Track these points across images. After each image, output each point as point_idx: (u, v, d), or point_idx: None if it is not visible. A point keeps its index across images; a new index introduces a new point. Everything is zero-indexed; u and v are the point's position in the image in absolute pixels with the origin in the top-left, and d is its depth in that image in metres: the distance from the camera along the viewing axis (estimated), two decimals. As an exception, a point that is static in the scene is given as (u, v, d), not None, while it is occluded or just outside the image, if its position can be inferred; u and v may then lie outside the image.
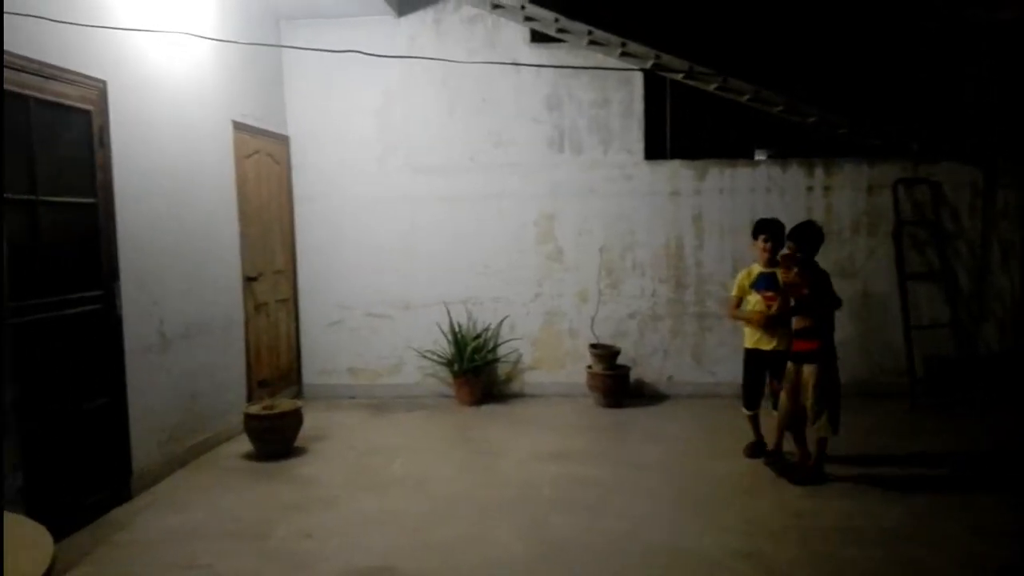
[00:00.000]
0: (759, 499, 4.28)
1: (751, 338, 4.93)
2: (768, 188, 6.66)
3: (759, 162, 6.72)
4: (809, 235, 4.53)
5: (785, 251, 4.60)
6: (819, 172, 6.65)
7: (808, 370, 4.47)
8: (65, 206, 3.96)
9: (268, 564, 3.56)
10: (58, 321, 3.85)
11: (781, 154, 6.71)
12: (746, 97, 6.44)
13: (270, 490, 4.56)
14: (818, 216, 6.65)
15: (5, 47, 3.43)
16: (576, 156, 6.72)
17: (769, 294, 4.76)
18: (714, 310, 6.69)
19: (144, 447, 4.51)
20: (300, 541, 3.81)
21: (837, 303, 4.51)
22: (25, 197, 3.66)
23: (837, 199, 6.65)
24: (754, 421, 5.05)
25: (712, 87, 6.46)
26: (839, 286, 6.59)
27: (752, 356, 4.95)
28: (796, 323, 4.59)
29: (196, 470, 4.90)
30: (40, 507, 3.43)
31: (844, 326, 6.59)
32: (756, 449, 5.01)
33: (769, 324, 4.74)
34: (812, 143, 6.68)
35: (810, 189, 6.67)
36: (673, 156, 6.73)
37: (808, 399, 4.47)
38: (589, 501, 4.28)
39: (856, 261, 6.65)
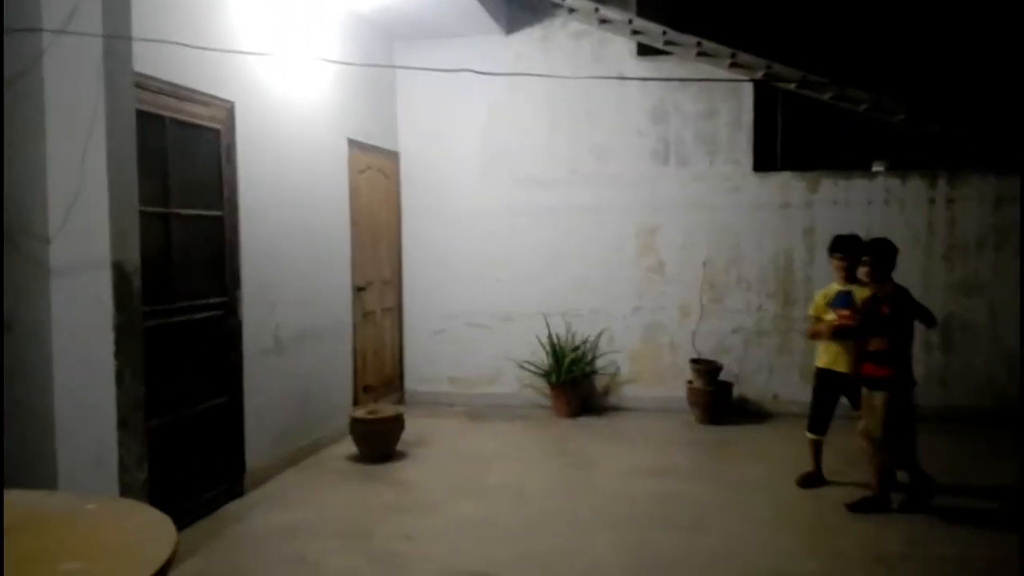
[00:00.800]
0: (867, 524, 4.07)
1: (824, 357, 4.66)
2: (886, 200, 6.35)
3: (876, 173, 6.41)
4: (884, 251, 4.27)
5: (863, 268, 4.30)
6: (942, 184, 6.28)
7: (879, 397, 4.18)
8: (195, 218, 4.28)
9: (370, 564, 3.69)
10: (185, 325, 4.15)
11: (900, 165, 6.38)
12: (863, 107, 6.18)
13: (373, 492, 4.73)
14: (941, 230, 6.30)
15: (144, 70, 3.74)
16: (681, 168, 6.63)
17: (845, 312, 4.45)
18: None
19: (257, 446, 4.78)
20: (401, 543, 3.93)
21: (931, 319, 4.22)
22: (160, 210, 3.98)
23: (962, 212, 6.26)
24: (816, 448, 4.75)
25: (827, 96, 6.24)
26: (963, 304, 6.29)
27: (824, 377, 4.67)
28: (872, 345, 4.27)
29: (304, 470, 5.14)
30: (161, 499, 3.69)
31: (969, 347, 6.22)
32: (812, 479, 4.70)
33: (844, 343, 4.47)
34: (934, 154, 6.32)
35: (932, 201, 6.31)
36: (784, 167, 6.52)
37: (875, 428, 4.18)
38: (688, 519, 4.20)
39: (981, 278, 6.23)
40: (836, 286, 4.64)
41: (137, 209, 3.48)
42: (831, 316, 4.57)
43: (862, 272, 4.29)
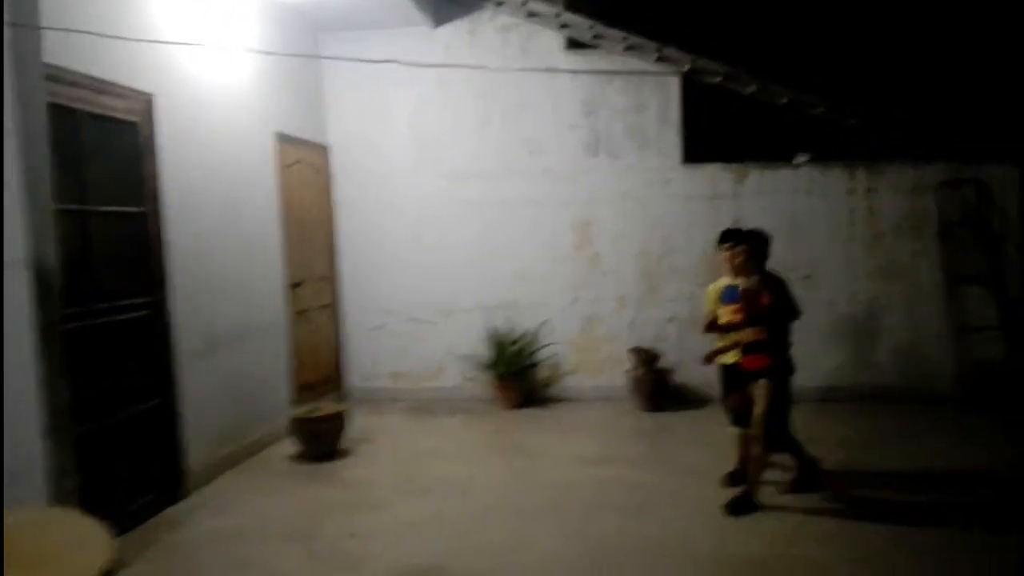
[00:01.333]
0: (807, 504, 4.21)
1: (727, 353, 4.46)
2: (809, 191, 6.58)
3: (800, 165, 6.63)
4: (756, 241, 4.22)
5: (729, 253, 4.25)
6: (861, 175, 6.55)
7: (760, 386, 4.11)
8: (116, 215, 4.10)
9: (316, 564, 3.61)
10: (110, 327, 3.97)
11: (823, 157, 6.62)
12: (784, 100, 6.38)
13: (317, 492, 4.63)
14: (860, 219, 6.55)
15: (56, 62, 3.55)
16: (612, 161, 6.72)
17: (735, 306, 4.31)
18: (755, 313, 6.61)
19: (195, 449, 4.61)
20: (347, 541, 3.86)
21: (795, 313, 4.20)
22: (77, 207, 3.78)
23: (880, 201, 6.54)
24: (741, 442, 4.54)
25: (750, 91, 6.42)
26: (882, 288, 6.56)
27: (730, 372, 4.47)
28: (747, 336, 4.19)
29: (245, 471, 4.99)
30: (94, 507, 3.51)
31: (893, 330, 6.50)
32: (739, 476, 4.49)
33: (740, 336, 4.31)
34: (854, 146, 6.57)
35: (851, 192, 6.57)
36: (712, 160, 6.67)
37: (756, 419, 4.12)
38: (631, 504, 4.26)
39: (899, 264, 6.52)
40: (725, 280, 4.52)
41: (52, 207, 3.31)
42: (724, 310, 4.42)
43: (736, 263, 4.24)
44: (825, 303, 6.56)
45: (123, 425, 4.04)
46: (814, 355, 6.57)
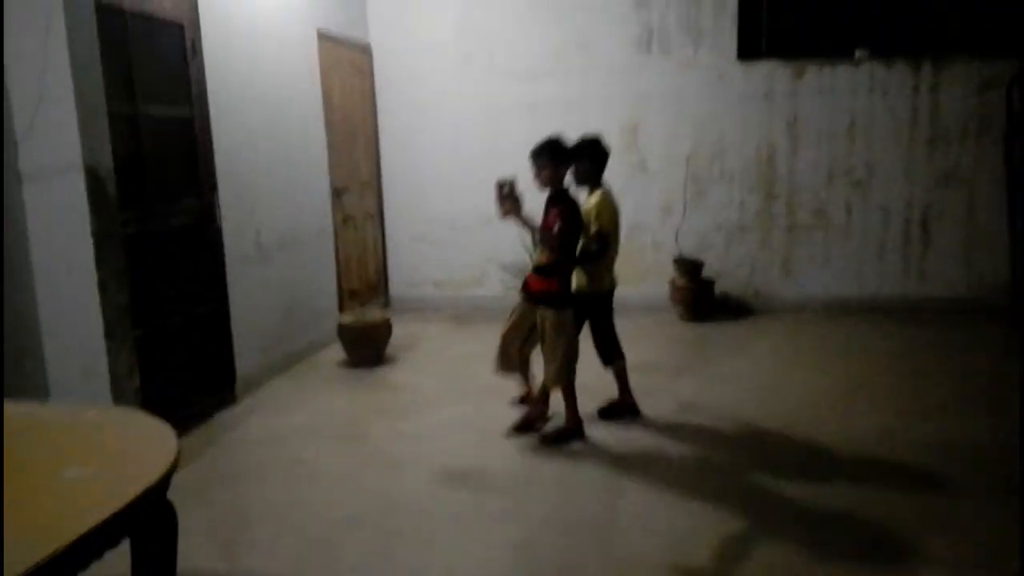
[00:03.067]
0: (853, 416, 4.20)
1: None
2: (871, 88, 6.25)
3: (861, 59, 6.27)
4: (553, 153, 3.73)
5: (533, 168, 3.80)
6: (926, 71, 6.17)
7: (543, 312, 3.81)
8: (164, 119, 4.07)
9: (366, 463, 3.76)
10: (163, 232, 4.02)
11: (885, 51, 6.23)
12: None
13: (364, 395, 4.77)
14: (923, 119, 6.22)
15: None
16: (664, 57, 6.43)
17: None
18: (806, 222, 6.44)
19: (247, 354, 4.75)
20: (394, 442, 3.99)
21: (568, 239, 3.71)
22: (127, 110, 3.76)
23: (945, 100, 6.18)
24: (615, 374, 4.29)
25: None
26: (940, 194, 6.28)
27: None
28: (538, 257, 3.94)
29: (295, 376, 5.16)
30: (153, 408, 3.68)
31: (948, 239, 6.27)
32: (615, 409, 4.25)
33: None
34: (920, 39, 6.17)
35: (916, 89, 6.22)
36: (769, 56, 6.33)
37: (544, 348, 3.86)
38: (669, 415, 4.30)
39: (961, 168, 6.22)
40: None
41: (105, 110, 3.31)
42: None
43: (538, 178, 3.81)
44: (878, 208, 6.35)
45: (179, 330, 4.14)
46: (864, 263, 6.44)
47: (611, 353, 4.24)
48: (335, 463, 3.76)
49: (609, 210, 3.98)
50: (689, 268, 6.34)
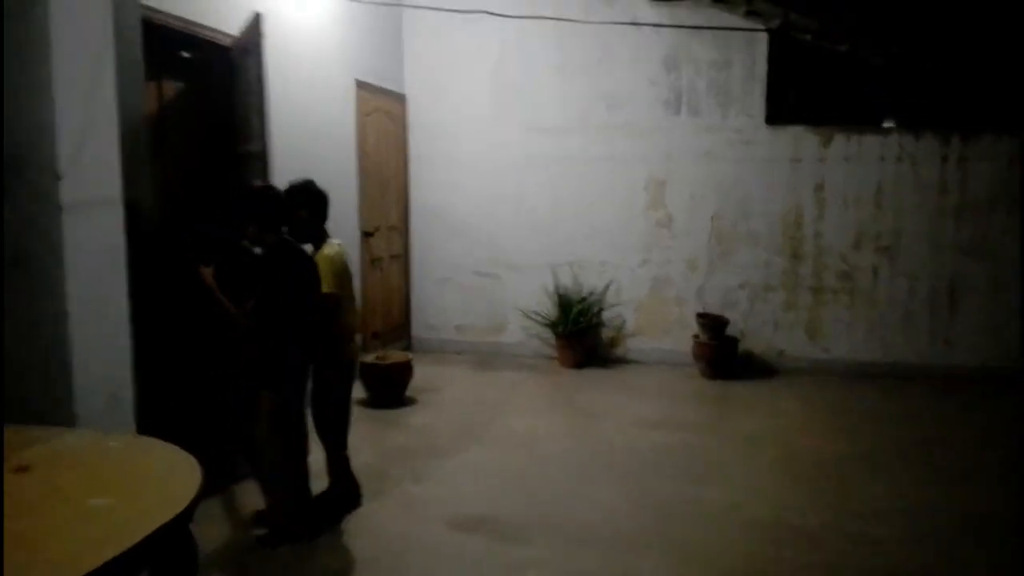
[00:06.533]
0: (873, 483, 4.13)
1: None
2: (899, 157, 6.28)
3: (890, 129, 6.33)
4: (254, 206, 3.18)
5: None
6: (955, 143, 6.20)
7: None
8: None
9: (382, 504, 3.74)
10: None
11: (913, 123, 6.29)
12: (879, 61, 6.07)
13: (384, 435, 4.78)
14: (952, 190, 6.23)
15: (150, 2, 3.65)
16: (692, 119, 6.54)
17: None
18: (832, 284, 6.43)
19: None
20: (411, 485, 3.99)
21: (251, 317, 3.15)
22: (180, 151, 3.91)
23: (973, 172, 6.19)
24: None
25: (842, 49, 6.12)
26: (965, 264, 6.22)
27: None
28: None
29: (313, 413, 5.18)
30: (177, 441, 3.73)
31: (972, 309, 6.20)
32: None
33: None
34: (948, 113, 6.22)
35: (944, 160, 6.24)
36: (796, 122, 6.42)
37: None
38: (692, 470, 4.26)
39: (988, 240, 6.19)
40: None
41: (147, 145, 3.43)
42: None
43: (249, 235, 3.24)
44: (905, 275, 6.32)
45: (207, 364, 4.21)
46: (889, 329, 6.39)
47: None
48: (350, 504, 3.76)
49: (333, 269, 3.38)
50: (713, 324, 6.33)
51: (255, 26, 4.17)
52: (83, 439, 2.51)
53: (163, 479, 2.04)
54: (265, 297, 3.14)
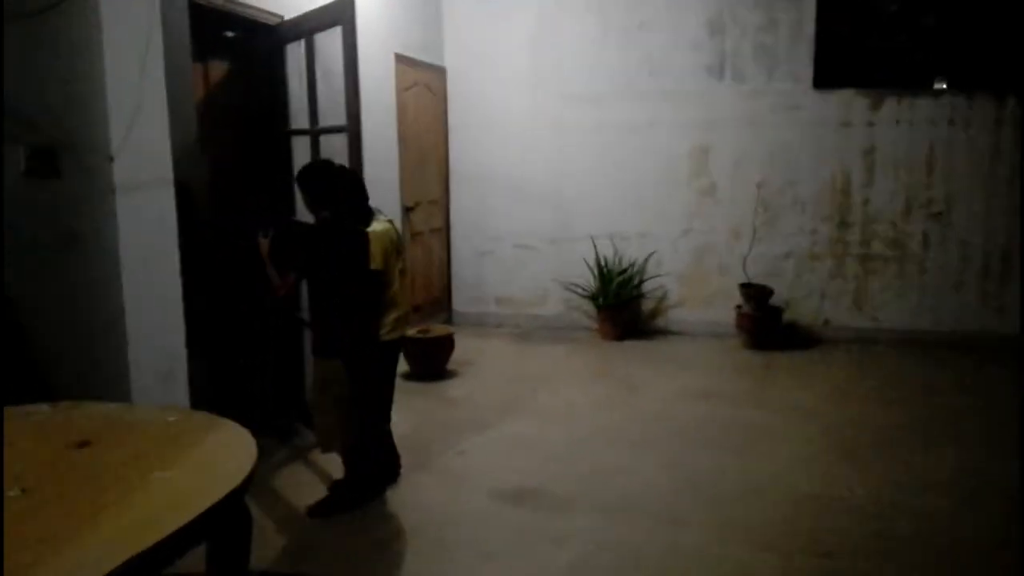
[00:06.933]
0: (922, 454, 4.07)
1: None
2: (951, 120, 6.07)
3: (942, 92, 6.10)
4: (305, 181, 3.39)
5: None
6: (1011, 104, 5.96)
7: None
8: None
9: (426, 476, 3.82)
10: (248, 245, 4.19)
11: (967, 84, 6.05)
12: (931, 20, 5.84)
13: (426, 409, 4.86)
14: (1006, 152, 6.00)
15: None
16: (738, 84, 6.38)
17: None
18: (881, 251, 6.28)
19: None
20: (454, 458, 4.06)
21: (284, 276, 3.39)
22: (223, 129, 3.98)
23: (1031, 134, 5.96)
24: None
25: (893, 8, 5.90)
26: (1018, 231, 5.99)
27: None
28: None
29: (359, 385, 5.28)
30: (230, 414, 3.85)
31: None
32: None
33: None
34: (1002, 73, 5.96)
35: (999, 123, 6.01)
36: (845, 84, 6.22)
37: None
38: (735, 442, 4.24)
39: (1048, 202, 5.97)
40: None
41: (195, 125, 3.50)
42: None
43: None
44: (957, 242, 6.15)
45: (258, 341, 4.33)
46: (941, 296, 6.25)
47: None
48: (395, 475, 3.85)
49: (379, 245, 3.36)
50: (756, 294, 6.25)
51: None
52: (141, 414, 2.61)
53: (220, 453, 2.12)
54: (308, 269, 3.34)
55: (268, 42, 4.36)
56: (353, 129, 3.88)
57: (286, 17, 4.48)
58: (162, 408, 2.74)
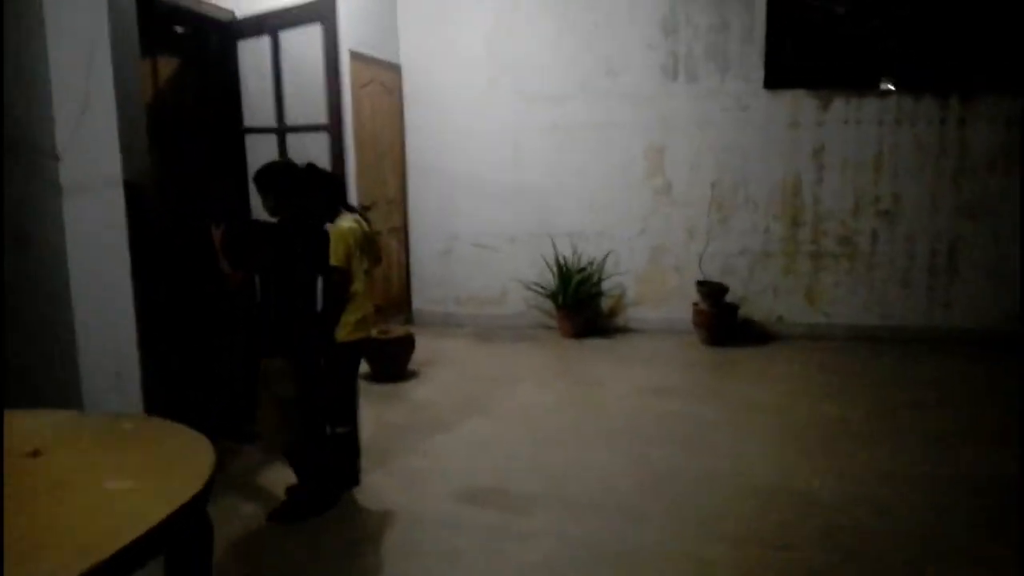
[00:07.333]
0: (874, 446, 4.18)
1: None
2: (898, 120, 6.25)
3: (889, 92, 6.28)
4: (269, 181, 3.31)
5: None
6: (954, 104, 6.17)
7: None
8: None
9: (388, 479, 3.78)
10: (201, 243, 4.10)
11: (912, 84, 6.24)
12: (876, 22, 6.00)
13: (387, 410, 4.81)
14: (950, 152, 6.20)
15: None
16: (691, 84, 6.48)
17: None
18: (831, 249, 6.44)
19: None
20: (417, 459, 4.03)
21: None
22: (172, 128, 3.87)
23: (972, 134, 6.17)
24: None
25: (841, 10, 6.05)
26: (965, 226, 6.23)
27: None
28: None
29: (317, 388, 5.21)
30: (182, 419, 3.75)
31: (971, 271, 6.23)
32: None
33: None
34: (947, 73, 6.16)
35: (943, 122, 6.21)
36: (795, 85, 6.36)
37: None
38: (692, 437, 4.30)
39: (989, 199, 6.19)
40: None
41: (145, 122, 3.40)
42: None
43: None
44: (904, 238, 6.33)
45: (212, 343, 4.22)
46: (889, 292, 6.42)
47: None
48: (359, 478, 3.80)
49: (342, 242, 3.35)
50: (712, 292, 6.35)
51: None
52: (95, 422, 2.52)
53: (177, 460, 2.05)
54: (267, 266, 3.27)
55: (220, 38, 4.26)
56: (335, 128, 3.80)
57: (237, 13, 4.39)
58: (116, 415, 2.65)
